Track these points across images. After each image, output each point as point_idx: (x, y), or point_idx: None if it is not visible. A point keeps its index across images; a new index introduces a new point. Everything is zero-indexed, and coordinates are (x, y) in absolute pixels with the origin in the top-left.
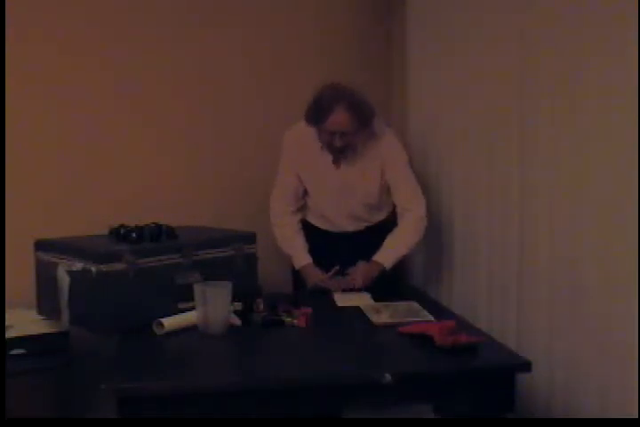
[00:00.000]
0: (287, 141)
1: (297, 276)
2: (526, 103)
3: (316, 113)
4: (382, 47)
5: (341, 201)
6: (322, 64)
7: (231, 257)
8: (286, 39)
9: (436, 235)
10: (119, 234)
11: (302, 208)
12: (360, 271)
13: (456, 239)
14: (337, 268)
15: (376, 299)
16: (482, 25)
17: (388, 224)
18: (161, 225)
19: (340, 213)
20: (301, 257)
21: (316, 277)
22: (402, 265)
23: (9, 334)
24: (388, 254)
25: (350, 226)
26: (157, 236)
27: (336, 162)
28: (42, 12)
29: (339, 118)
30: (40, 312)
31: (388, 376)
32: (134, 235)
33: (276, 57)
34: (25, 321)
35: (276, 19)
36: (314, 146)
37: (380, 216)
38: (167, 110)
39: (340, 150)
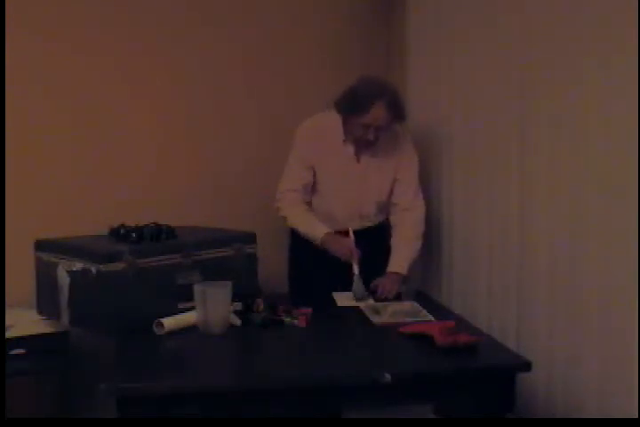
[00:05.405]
0: (303, 134)
1: (293, 278)
2: (527, 101)
3: (355, 105)
4: (382, 48)
5: (355, 197)
6: (322, 64)
7: (231, 257)
8: (286, 36)
9: (436, 235)
10: (119, 234)
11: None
12: (389, 284)
13: (456, 239)
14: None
15: (376, 299)
16: (482, 25)
17: (387, 225)
18: (161, 225)
19: (351, 210)
20: (320, 228)
21: (341, 242)
22: None
23: (9, 334)
24: (402, 262)
25: (355, 225)
26: (157, 236)
27: (358, 154)
28: (43, 11)
29: (380, 113)
30: (40, 312)
31: (387, 376)
32: (134, 235)
33: (276, 55)
34: (25, 321)
35: (276, 15)
36: (334, 138)
37: (381, 217)
38: (167, 110)
39: (371, 143)
